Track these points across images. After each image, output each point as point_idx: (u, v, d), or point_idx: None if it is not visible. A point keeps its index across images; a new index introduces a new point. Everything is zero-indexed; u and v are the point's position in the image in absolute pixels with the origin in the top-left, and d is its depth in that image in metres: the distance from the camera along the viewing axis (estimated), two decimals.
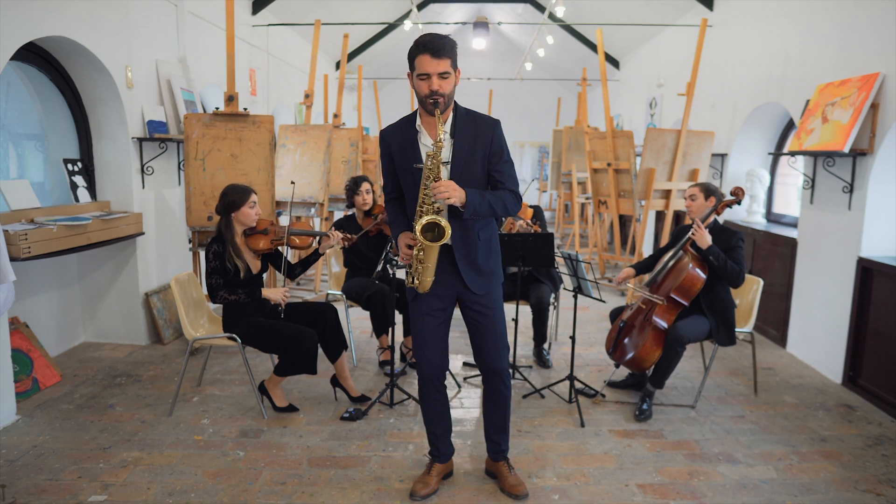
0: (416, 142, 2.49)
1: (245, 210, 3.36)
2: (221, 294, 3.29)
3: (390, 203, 2.68)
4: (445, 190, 2.31)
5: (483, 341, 2.63)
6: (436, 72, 2.34)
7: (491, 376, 2.67)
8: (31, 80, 4.14)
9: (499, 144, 2.51)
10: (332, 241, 3.64)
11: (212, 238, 3.37)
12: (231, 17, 4.44)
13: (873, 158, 3.87)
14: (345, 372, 3.59)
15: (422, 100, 2.40)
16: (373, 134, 10.73)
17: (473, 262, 2.55)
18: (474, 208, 2.38)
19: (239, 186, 3.41)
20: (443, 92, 2.35)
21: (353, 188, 4.26)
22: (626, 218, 8.23)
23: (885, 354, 3.72)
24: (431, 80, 2.34)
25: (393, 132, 2.56)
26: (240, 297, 3.31)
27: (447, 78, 2.37)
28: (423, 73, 2.35)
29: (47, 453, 3.01)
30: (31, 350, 3.81)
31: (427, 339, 2.61)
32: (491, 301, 2.60)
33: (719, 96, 6.25)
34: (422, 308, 2.59)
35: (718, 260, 3.45)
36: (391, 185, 2.64)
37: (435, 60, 2.33)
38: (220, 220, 3.39)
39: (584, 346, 4.75)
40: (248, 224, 3.42)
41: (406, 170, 2.50)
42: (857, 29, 4.11)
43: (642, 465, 3.00)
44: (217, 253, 3.30)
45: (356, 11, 8.54)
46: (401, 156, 2.51)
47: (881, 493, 2.80)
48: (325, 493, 2.73)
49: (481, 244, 2.56)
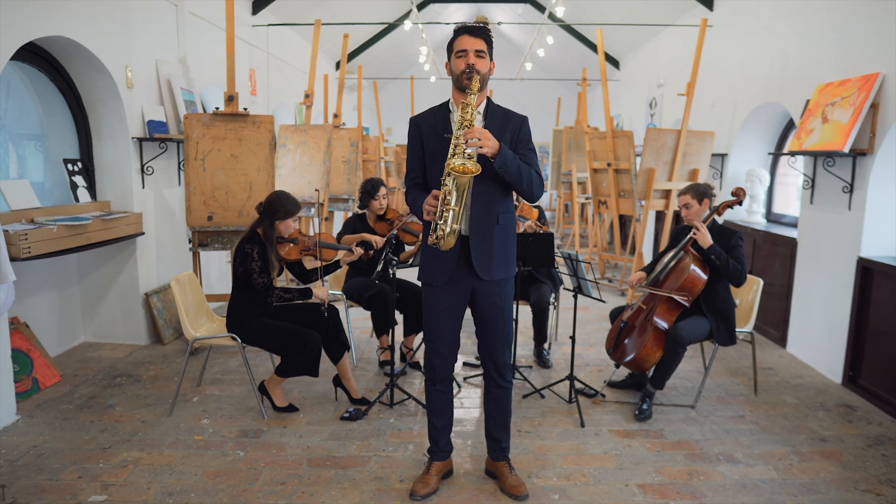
0: (447, 120, 2.54)
1: (289, 222, 3.42)
2: (277, 293, 3.33)
3: (412, 188, 2.65)
4: (480, 135, 2.33)
5: (490, 333, 2.65)
6: (473, 48, 2.44)
7: (491, 370, 2.69)
8: (31, 80, 4.14)
9: (526, 133, 2.59)
10: (354, 257, 3.69)
11: (246, 237, 3.34)
12: (231, 17, 4.44)
13: (873, 158, 3.87)
14: (347, 373, 3.59)
15: (458, 76, 2.47)
16: (373, 134, 10.73)
17: (489, 247, 2.54)
18: (505, 161, 2.40)
19: (293, 199, 3.44)
20: (478, 68, 2.42)
21: (371, 191, 4.22)
22: (626, 218, 8.23)
23: (885, 354, 3.72)
24: (468, 55, 2.43)
25: (424, 116, 2.62)
26: (294, 295, 3.36)
27: (483, 57, 2.46)
28: (461, 49, 2.44)
29: (47, 453, 3.01)
30: (31, 350, 3.81)
31: (440, 333, 2.63)
32: (505, 292, 2.63)
33: (719, 96, 6.25)
34: (437, 305, 2.61)
35: (721, 259, 3.45)
36: (417, 170, 2.63)
37: (472, 38, 2.44)
38: (258, 221, 3.39)
39: (584, 346, 4.75)
40: (285, 235, 3.47)
41: (437, 149, 2.51)
42: (857, 29, 4.11)
43: (642, 465, 3.00)
44: (260, 252, 3.30)
45: (356, 11, 8.54)
46: (432, 136, 2.54)
47: (881, 493, 2.80)
48: (325, 493, 2.73)
49: (499, 229, 2.56)
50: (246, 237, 3.35)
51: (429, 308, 2.65)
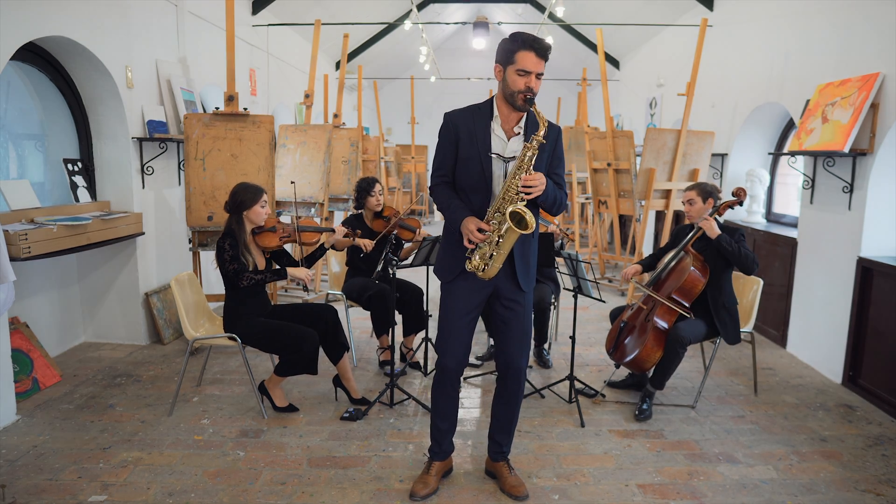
0: (489, 130, 2.52)
1: (256, 209, 3.40)
2: (247, 275, 3.31)
3: (441, 186, 2.61)
4: (538, 183, 2.37)
5: (510, 339, 2.64)
6: (536, 71, 2.42)
7: (509, 374, 2.68)
8: (31, 80, 4.13)
9: (561, 149, 2.61)
10: (337, 236, 3.67)
11: (222, 234, 3.39)
12: (231, 17, 4.44)
13: (873, 158, 3.87)
14: (348, 373, 3.59)
15: (512, 93, 2.45)
16: (373, 134, 10.73)
17: (527, 259, 2.59)
18: (545, 198, 2.47)
19: (251, 185, 3.44)
20: (535, 91, 2.44)
21: (366, 189, 4.24)
22: (626, 218, 8.22)
23: (885, 354, 3.72)
24: (530, 78, 2.42)
25: (463, 116, 2.57)
26: (266, 276, 3.35)
27: (540, 79, 2.46)
28: (524, 69, 2.41)
29: (47, 453, 3.01)
30: (31, 350, 3.81)
31: (456, 334, 2.62)
32: (527, 301, 2.64)
33: (719, 96, 6.25)
34: (456, 303, 2.60)
35: (731, 246, 3.44)
36: (446, 168, 2.59)
37: (539, 60, 2.42)
38: (229, 218, 3.41)
39: (584, 346, 4.75)
40: (258, 223, 3.45)
41: (472, 157, 2.51)
42: (857, 29, 4.11)
43: (642, 465, 3.00)
44: (232, 245, 3.33)
45: (356, 11, 8.54)
46: (469, 142, 2.52)
47: (881, 493, 2.80)
48: (325, 493, 2.73)
49: (533, 242, 2.61)
50: (220, 236, 3.38)
51: (448, 305, 2.63)
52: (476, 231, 2.41)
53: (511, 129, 2.53)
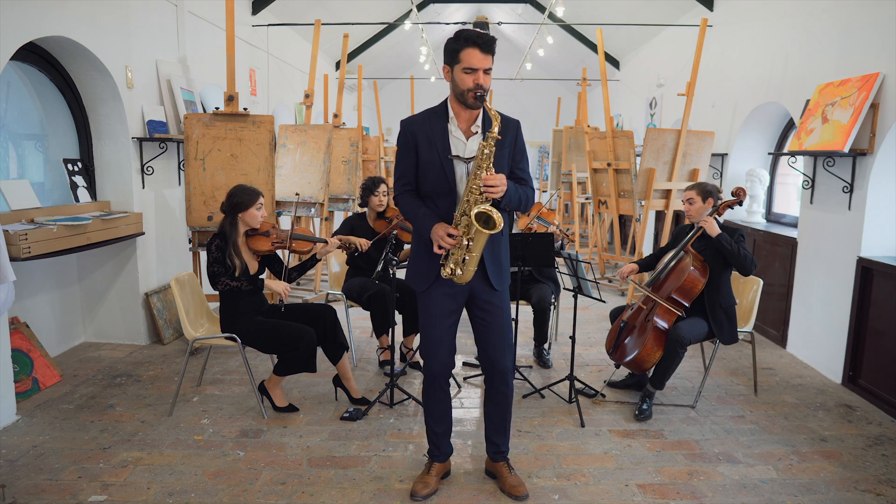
0: (446, 133, 2.48)
1: (252, 211, 3.40)
2: (224, 280, 3.31)
3: (405, 195, 2.59)
4: (499, 183, 2.34)
5: (491, 340, 2.63)
6: (483, 67, 2.39)
7: (495, 375, 2.67)
8: (31, 80, 4.13)
9: (522, 142, 2.58)
10: (329, 248, 3.66)
11: (214, 234, 3.39)
12: (231, 17, 4.44)
13: (873, 158, 3.87)
14: (347, 373, 3.59)
15: (462, 92, 2.42)
16: (373, 134, 10.73)
17: (497, 258, 2.57)
18: (510, 199, 2.45)
19: (248, 188, 3.43)
20: (486, 87, 2.40)
21: (370, 188, 4.22)
22: (626, 218, 8.23)
23: (885, 354, 3.72)
24: (478, 75, 2.38)
25: (419, 122, 2.53)
26: (242, 284, 3.33)
27: (489, 74, 2.42)
28: (470, 67, 2.38)
29: (47, 453, 3.01)
30: (31, 350, 3.81)
31: (438, 338, 2.60)
32: (503, 300, 2.62)
33: (719, 96, 6.25)
34: (435, 309, 2.58)
35: (731, 245, 3.44)
36: (409, 176, 2.57)
37: (484, 56, 2.38)
38: (224, 219, 3.41)
39: (584, 346, 4.75)
40: (253, 225, 3.45)
41: (432, 161, 2.48)
42: (857, 29, 4.11)
43: (642, 465, 3.00)
44: (220, 247, 3.33)
45: (356, 11, 8.53)
46: (428, 147, 2.49)
47: (881, 493, 2.80)
48: (325, 493, 2.73)
49: (503, 240, 2.59)
50: (213, 234, 3.39)
51: (428, 312, 2.60)
52: (446, 237, 2.39)
53: (468, 128, 2.49)
